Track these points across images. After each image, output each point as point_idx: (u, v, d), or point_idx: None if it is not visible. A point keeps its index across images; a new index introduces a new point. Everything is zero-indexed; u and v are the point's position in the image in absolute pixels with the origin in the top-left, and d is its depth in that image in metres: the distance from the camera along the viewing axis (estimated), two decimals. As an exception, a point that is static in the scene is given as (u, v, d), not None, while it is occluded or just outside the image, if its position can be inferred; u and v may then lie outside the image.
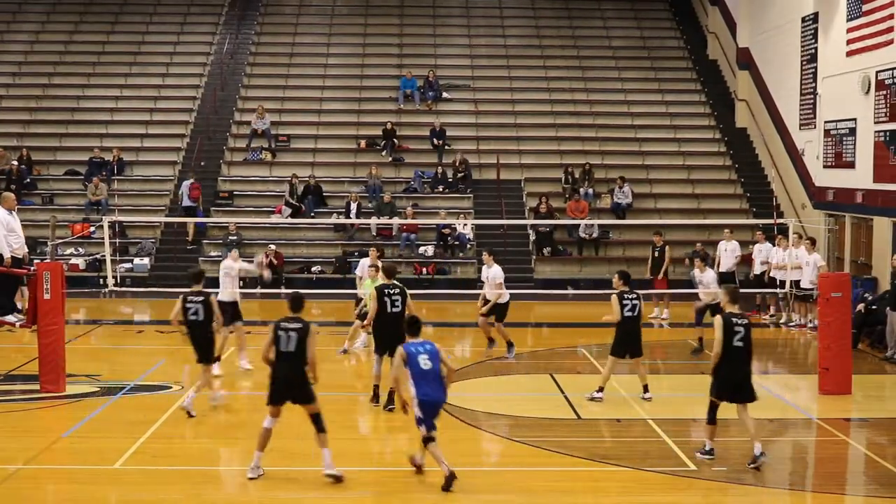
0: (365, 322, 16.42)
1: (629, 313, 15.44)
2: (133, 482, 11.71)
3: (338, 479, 11.62)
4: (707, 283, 19.83)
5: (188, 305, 14.50)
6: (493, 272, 18.44)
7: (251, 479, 11.69)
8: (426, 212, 30.62)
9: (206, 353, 14.75)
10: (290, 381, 11.95)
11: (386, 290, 15.01)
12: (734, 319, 12.23)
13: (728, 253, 24.95)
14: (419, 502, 11.37)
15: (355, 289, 20.06)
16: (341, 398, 16.17)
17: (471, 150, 32.90)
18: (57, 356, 15.81)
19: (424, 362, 11.55)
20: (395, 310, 14.87)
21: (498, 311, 18.56)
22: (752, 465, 12.24)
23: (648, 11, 39.77)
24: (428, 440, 11.48)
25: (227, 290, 17.59)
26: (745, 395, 12.48)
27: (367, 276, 18.24)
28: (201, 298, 14.57)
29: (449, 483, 11.29)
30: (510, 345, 18.72)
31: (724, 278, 25.27)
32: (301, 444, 13.34)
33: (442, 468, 11.38)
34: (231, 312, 17.41)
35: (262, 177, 32.33)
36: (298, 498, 11.42)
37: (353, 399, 16.21)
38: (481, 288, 18.87)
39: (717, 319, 12.35)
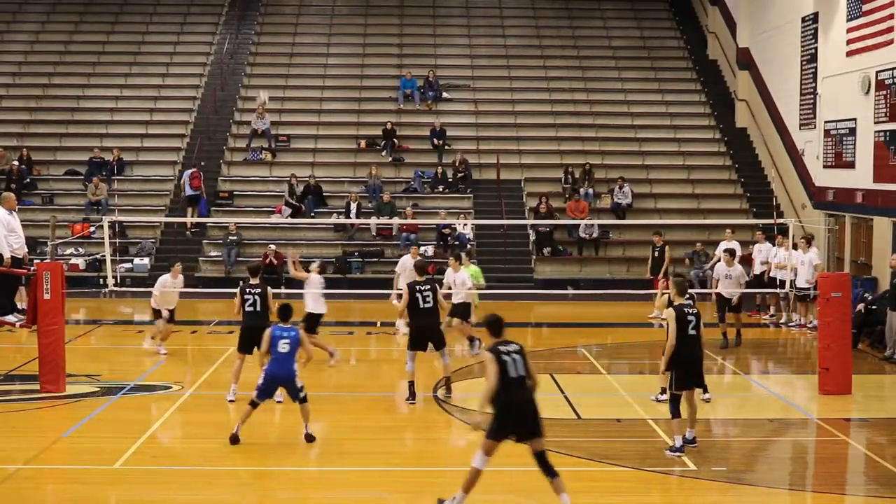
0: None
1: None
2: (133, 482, 11.71)
3: None
4: (735, 277, 20.36)
5: (246, 297, 15.62)
6: (460, 276, 18.53)
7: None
8: (426, 212, 30.62)
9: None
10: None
11: (417, 287, 15.38)
12: (686, 310, 12.92)
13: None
14: (420, 502, 11.37)
15: (354, 289, 20.09)
16: (346, 398, 16.19)
17: (471, 150, 32.89)
18: (57, 356, 15.80)
19: (283, 346, 12.98)
20: (426, 305, 15.28)
21: (462, 312, 18.74)
22: (671, 453, 12.65)
23: (648, 11, 39.77)
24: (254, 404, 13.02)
25: None
26: (699, 381, 13.20)
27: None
28: (259, 290, 15.69)
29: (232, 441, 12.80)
30: (473, 340, 18.96)
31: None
32: (301, 444, 13.35)
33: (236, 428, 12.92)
34: None
35: (262, 177, 32.34)
36: (298, 498, 11.42)
37: (355, 399, 16.22)
38: (448, 297, 18.21)
39: (670, 311, 13.01)
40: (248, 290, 15.72)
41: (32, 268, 16.19)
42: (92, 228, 27.17)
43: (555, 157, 33.04)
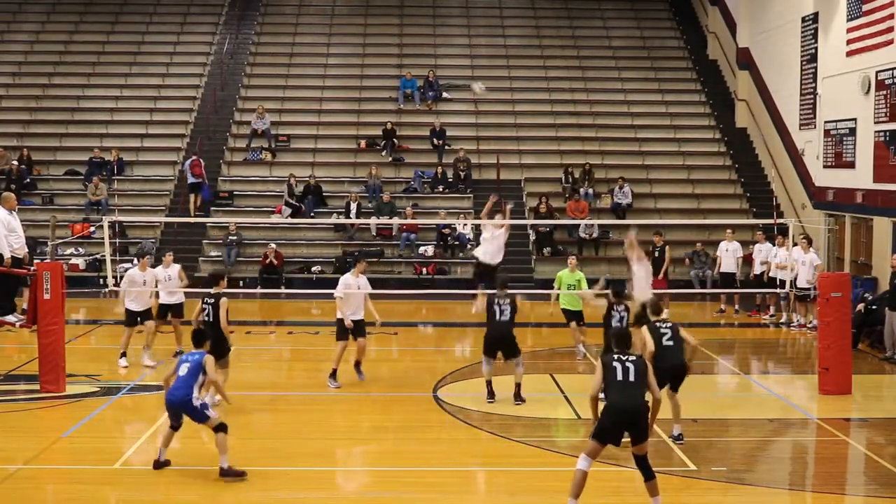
0: None
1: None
2: (133, 482, 11.71)
3: None
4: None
5: (203, 306, 15.58)
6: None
7: None
8: (426, 212, 30.63)
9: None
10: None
11: (496, 300, 15.49)
12: (658, 325, 13.08)
13: (729, 253, 24.96)
14: (420, 502, 11.37)
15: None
16: (346, 398, 16.19)
17: (471, 150, 32.89)
18: (57, 356, 15.80)
19: (183, 369, 12.14)
20: (502, 318, 15.38)
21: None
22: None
23: (648, 11, 39.77)
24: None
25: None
26: (679, 382, 13.25)
27: None
28: (213, 300, 15.65)
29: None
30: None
31: (725, 278, 25.35)
32: (302, 444, 13.36)
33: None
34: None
35: (262, 177, 32.34)
36: (298, 498, 11.42)
37: (355, 399, 16.22)
38: None
39: (644, 330, 13.25)
40: (205, 298, 15.53)
41: (33, 268, 16.19)
42: (92, 228, 27.17)
43: (555, 157, 33.05)
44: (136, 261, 19.43)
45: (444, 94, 35.17)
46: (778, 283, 22.61)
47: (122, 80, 35.82)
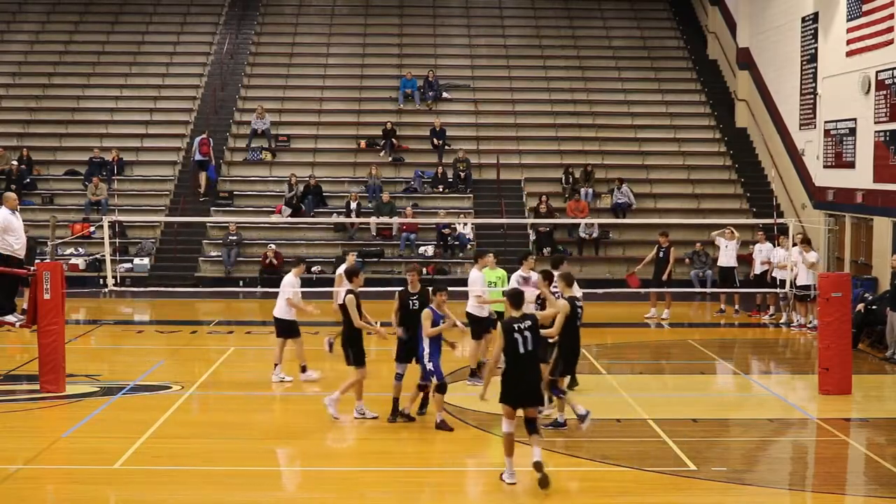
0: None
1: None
2: (133, 482, 11.71)
3: None
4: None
5: None
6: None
7: None
8: (426, 212, 30.63)
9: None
10: None
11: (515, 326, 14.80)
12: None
13: (728, 250, 24.87)
14: (421, 502, 11.37)
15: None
16: (345, 398, 16.19)
17: (471, 150, 32.88)
18: (57, 356, 15.79)
19: None
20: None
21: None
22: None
23: (648, 11, 39.78)
24: None
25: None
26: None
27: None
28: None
29: None
30: None
31: (724, 273, 25.26)
32: (302, 444, 13.36)
33: None
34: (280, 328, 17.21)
35: (262, 177, 32.34)
36: (298, 498, 11.41)
37: (354, 399, 16.22)
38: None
39: (564, 303, 13.36)
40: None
41: (33, 268, 16.19)
42: (92, 228, 27.18)
43: (555, 157, 33.05)
44: (144, 258, 19.37)
45: (444, 94, 35.17)
46: (778, 283, 22.61)
47: (122, 79, 35.82)
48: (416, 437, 13.66)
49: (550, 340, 13.53)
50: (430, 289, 14.37)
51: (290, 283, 17.20)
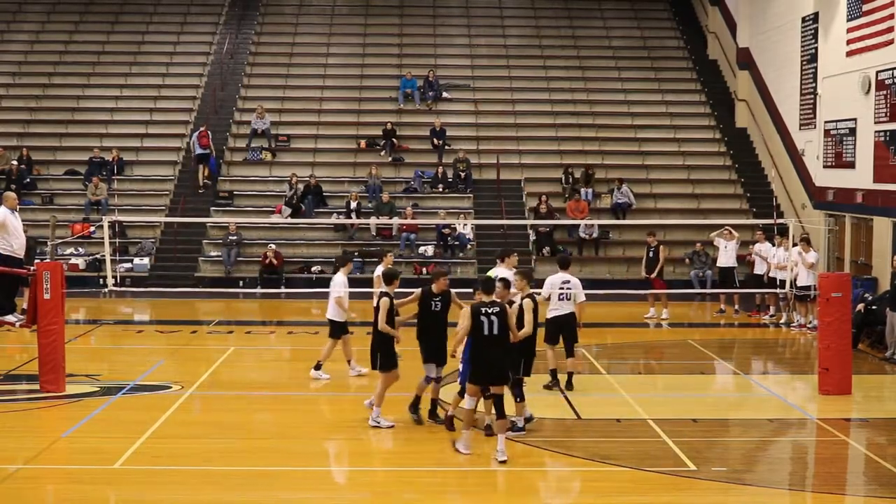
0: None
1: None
2: (133, 482, 11.71)
3: None
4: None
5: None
6: None
7: None
8: (426, 212, 30.62)
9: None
10: None
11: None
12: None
13: (728, 250, 24.87)
14: (421, 501, 11.37)
15: (354, 288, 19.89)
16: (345, 398, 16.20)
17: (471, 150, 32.88)
18: (57, 356, 15.78)
19: None
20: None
21: None
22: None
23: (648, 11, 39.78)
24: None
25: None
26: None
27: None
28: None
29: None
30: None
31: (724, 274, 25.28)
32: (303, 444, 13.36)
33: None
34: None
35: (262, 177, 32.34)
36: (298, 498, 11.42)
37: (355, 399, 16.23)
38: None
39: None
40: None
41: (32, 268, 16.19)
42: (92, 228, 27.17)
43: (555, 157, 33.05)
44: (144, 258, 19.28)
45: (444, 94, 35.17)
46: (778, 283, 22.61)
47: (122, 79, 35.83)
48: (417, 436, 13.65)
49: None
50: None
51: (340, 282, 17.02)
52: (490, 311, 12.46)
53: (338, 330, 17.20)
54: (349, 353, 17.30)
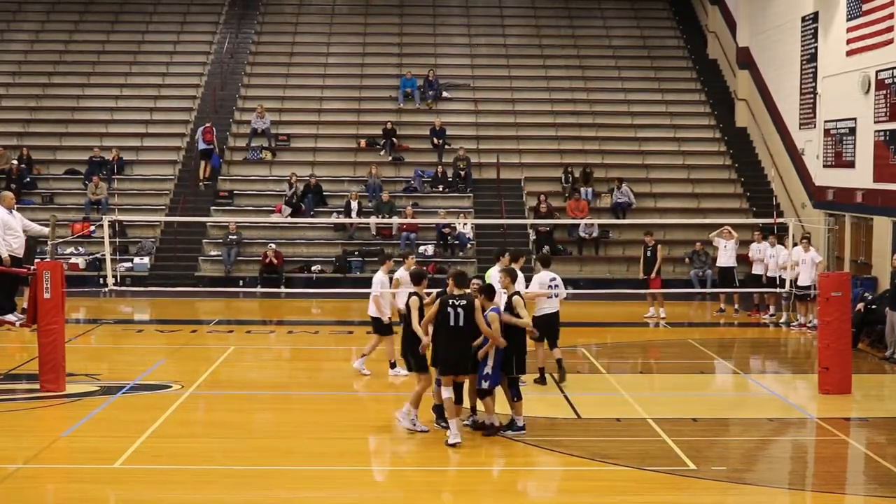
0: None
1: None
2: (133, 482, 11.71)
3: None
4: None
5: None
6: None
7: None
8: (426, 211, 30.62)
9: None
10: None
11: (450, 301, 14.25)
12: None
13: (727, 250, 24.86)
14: (421, 501, 11.37)
15: (355, 288, 20.01)
16: (346, 397, 16.20)
17: (471, 149, 32.88)
18: (57, 355, 15.78)
19: None
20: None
21: None
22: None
23: (648, 11, 39.79)
24: None
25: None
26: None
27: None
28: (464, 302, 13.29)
29: None
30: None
31: (724, 274, 25.25)
32: (303, 444, 13.36)
33: None
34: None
35: (262, 176, 32.34)
36: (299, 498, 11.42)
37: (356, 399, 16.23)
38: None
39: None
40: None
41: (32, 267, 16.19)
42: (92, 228, 27.18)
43: (555, 157, 33.05)
44: (144, 258, 19.25)
45: (444, 94, 35.18)
46: (778, 282, 22.61)
47: (123, 79, 35.83)
48: (418, 436, 13.64)
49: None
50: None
51: (378, 281, 17.04)
52: (458, 303, 12.79)
53: (382, 328, 17.16)
54: (391, 354, 17.17)
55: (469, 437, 13.66)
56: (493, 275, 16.10)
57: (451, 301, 12.83)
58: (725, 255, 24.91)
